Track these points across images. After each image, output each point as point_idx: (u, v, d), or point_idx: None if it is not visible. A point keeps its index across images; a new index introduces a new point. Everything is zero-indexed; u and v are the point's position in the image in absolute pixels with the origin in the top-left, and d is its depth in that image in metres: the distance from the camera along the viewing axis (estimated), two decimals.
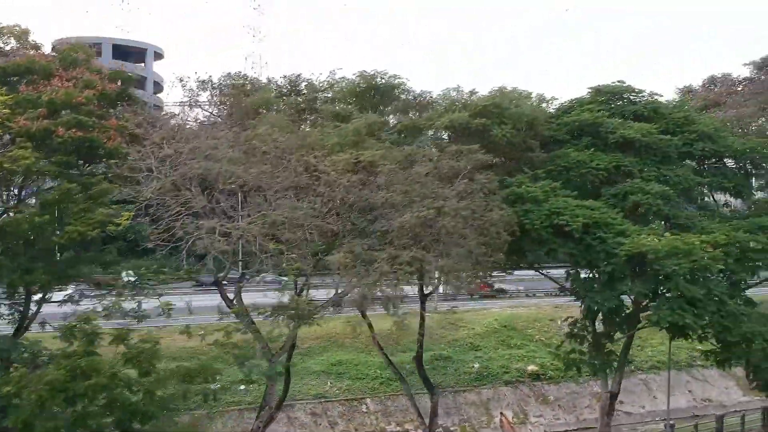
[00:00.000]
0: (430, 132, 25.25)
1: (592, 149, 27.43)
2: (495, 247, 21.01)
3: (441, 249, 19.67)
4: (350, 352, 44.52)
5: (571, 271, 25.65)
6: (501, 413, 42.96)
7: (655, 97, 32.02)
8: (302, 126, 24.92)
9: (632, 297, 24.62)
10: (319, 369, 42.81)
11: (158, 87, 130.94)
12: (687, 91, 44.21)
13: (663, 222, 26.22)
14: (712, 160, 29.65)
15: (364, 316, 26.85)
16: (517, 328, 50.20)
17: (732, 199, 31.84)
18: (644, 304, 24.65)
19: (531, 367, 45.41)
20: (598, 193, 26.75)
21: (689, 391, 48.50)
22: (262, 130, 22.23)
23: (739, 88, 40.51)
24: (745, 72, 42.27)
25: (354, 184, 19.83)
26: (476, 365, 45.58)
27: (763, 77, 40.03)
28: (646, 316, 23.99)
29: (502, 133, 25.21)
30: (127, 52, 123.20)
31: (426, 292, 28.60)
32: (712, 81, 43.13)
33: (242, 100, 26.14)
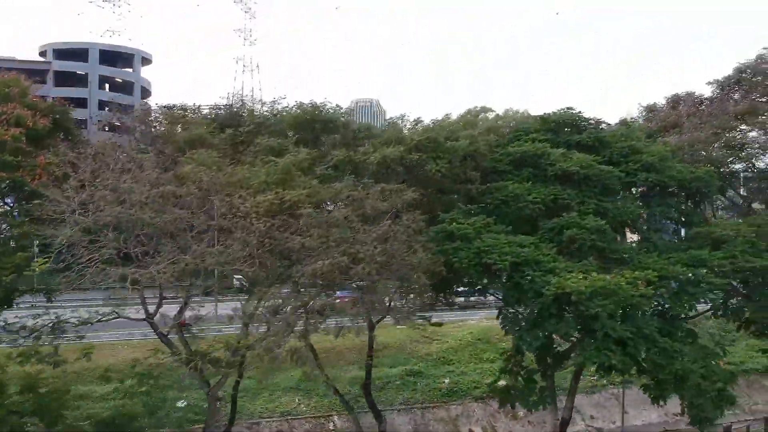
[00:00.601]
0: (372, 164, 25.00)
1: (530, 182, 27.32)
2: (416, 291, 20.86)
3: (359, 294, 19.50)
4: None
5: (502, 309, 25.53)
6: (470, 430, 42.91)
7: (602, 125, 32.01)
8: (241, 161, 24.70)
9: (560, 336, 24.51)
10: (288, 385, 42.77)
11: (146, 92, 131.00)
12: (650, 110, 43.94)
13: (599, 256, 26.04)
14: (657, 189, 29.47)
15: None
16: (491, 341, 49.91)
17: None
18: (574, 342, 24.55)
19: (501, 383, 45.40)
20: (536, 227, 26.64)
21: (660, 406, 48.53)
22: (188, 169, 22.10)
23: (702, 107, 40.22)
24: (708, 91, 42.03)
25: (272, 228, 19.70)
26: (447, 380, 45.45)
27: (724, 98, 39.75)
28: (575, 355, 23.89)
29: (436, 168, 25.10)
30: (114, 57, 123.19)
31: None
32: (676, 99, 42.84)
33: (174, 134, 25.98)
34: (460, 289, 26.86)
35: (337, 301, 20.36)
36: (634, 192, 29.92)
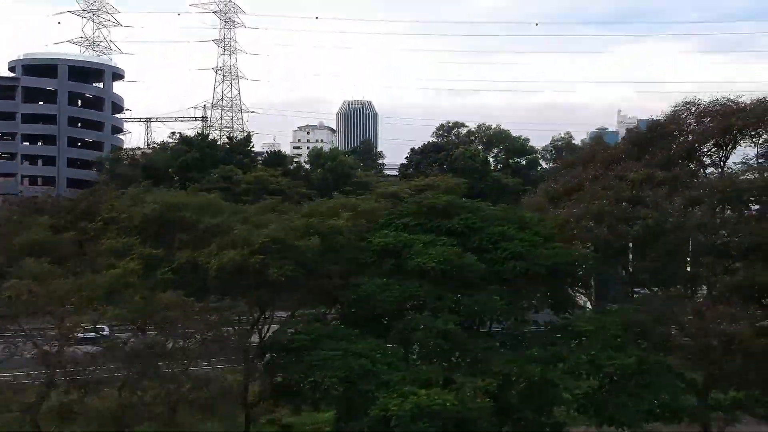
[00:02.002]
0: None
1: (391, 276, 26.90)
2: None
3: None
4: None
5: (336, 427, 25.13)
6: None
7: (484, 206, 31.57)
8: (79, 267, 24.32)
9: None
10: None
11: (117, 108, 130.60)
12: (566, 164, 43.24)
13: (448, 359, 25.63)
14: (526, 277, 28.98)
15: None
16: None
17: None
18: None
19: None
20: (390, 327, 26.24)
21: None
22: (11, 283, 21.74)
23: (613, 167, 39.47)
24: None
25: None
26: None
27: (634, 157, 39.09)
28: None
29: (280, 272, 24.66)
30: (84, 72, 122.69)
31: None
32: (591, 154, 42.25)
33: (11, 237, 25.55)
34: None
35: None
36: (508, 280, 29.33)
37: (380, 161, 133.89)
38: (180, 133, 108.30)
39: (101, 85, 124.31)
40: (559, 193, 38.99)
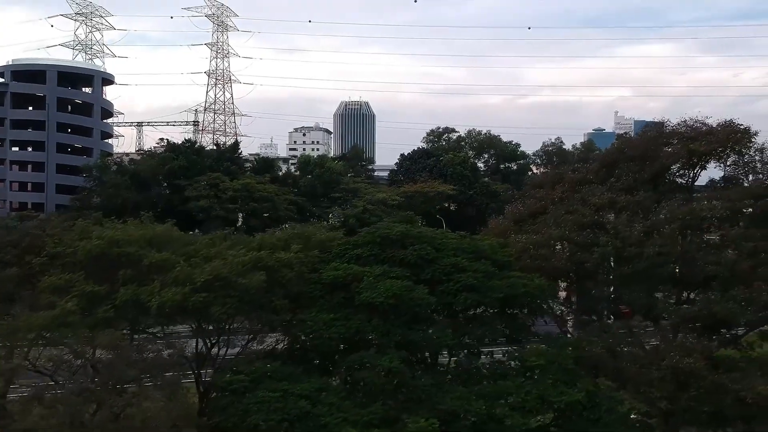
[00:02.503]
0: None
1: (340, 310, 26.69)
2: None
3: None
4: None
5: None
6: None
7: (441, 234, 31.35)
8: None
9: None
10: None
11: (107, 113, 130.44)
12: (535, 185, 42.90)
13: (394, 397, 25.39)
14: (479, 310, 28.81)
15: None
16: None
17: None
18: None
19: None
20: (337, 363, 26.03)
21: None
22: None
23: (580, 189, 39.15)
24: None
25: None
26: None
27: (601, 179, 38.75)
28: None
29: (222, 310, 24.48)
30: (74, 78, 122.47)
31: None
32: (558, 176, 41.88)
33: None
34: None
35: None
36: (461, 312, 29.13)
37: (370, 166, 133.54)
38: (167, 139, 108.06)
39: (91, 90, 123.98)
40: (523, 215, 38.73)
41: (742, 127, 36.63)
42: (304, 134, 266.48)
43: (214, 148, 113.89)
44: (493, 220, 40.60)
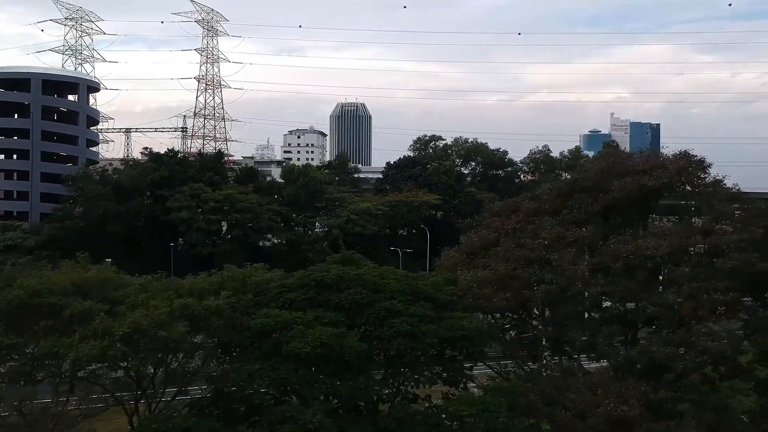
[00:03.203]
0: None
1: (268, 360, 26.35)
2: None
3: None
4: None
5: None
6: None
7: (385, 272, 31.01)
8: None
9: None
10: None
11: (93, 121, 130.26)
12: (493, 213, 42.46)
13: None
14: (413, 356, 28.46)
15: None
16: None
17: None
18: None
19: None
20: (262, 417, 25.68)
21: None
22: None
23: (534, 220, 38.75)
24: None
25: None
26: None
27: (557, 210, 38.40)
28: None
29: (141, 364, 24.18)
30: (59, 86, 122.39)
31: None
32: (515, 205, 41.47)
33: None
34: None
35: None
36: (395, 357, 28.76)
37: (360, 174, 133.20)
38: (150, 149, 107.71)
39: (76, 98, 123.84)
40: (476, 247, 38.34)
41: (696, 158, 36.33)
42: (298, 137, 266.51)
43: (198, 156, 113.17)
44: (445, 252, 40.13)
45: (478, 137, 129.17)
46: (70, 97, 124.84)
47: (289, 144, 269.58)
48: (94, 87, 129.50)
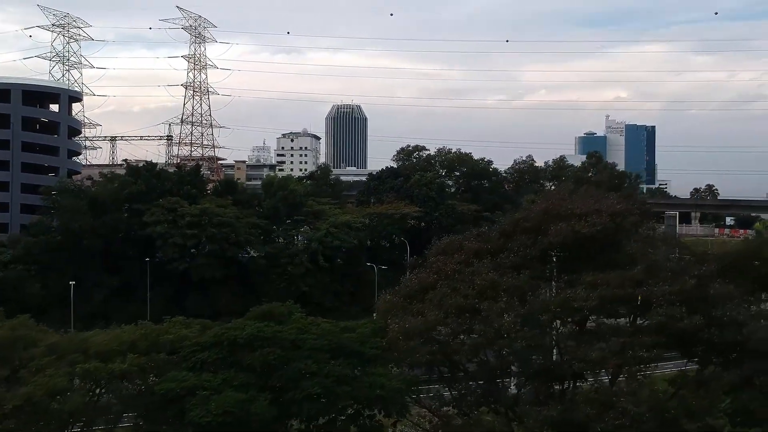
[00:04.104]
0: None
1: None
2: None
3: None
4: None
5: None
6: None
7: (307, 326, 30.48)
8: None
9: None
10: None
11: (75, 131, 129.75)
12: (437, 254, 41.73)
13: None
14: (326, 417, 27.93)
15: None
16: None
17: None
18: None
19: None
20: None
21: None
22: None
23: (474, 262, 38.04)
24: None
25: None
26: None
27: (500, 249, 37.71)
28: None
29: None
30: (39, 96, 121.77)
31: None
32: (454, 246, 40.75)
33: None
34: None
35: None
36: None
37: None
38: (128, 161, 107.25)
39: (56, 109, 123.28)
40: (414, 290, 37.69)
41: (637, 202, 35.73)
42: (292, 140, 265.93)
43: (177, 168, 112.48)
44: (382, 295, 39.44)
45: (476, 138, 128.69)
46: (52, 107, 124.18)
47: (283, 147, 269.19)
48: (75, 97, 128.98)
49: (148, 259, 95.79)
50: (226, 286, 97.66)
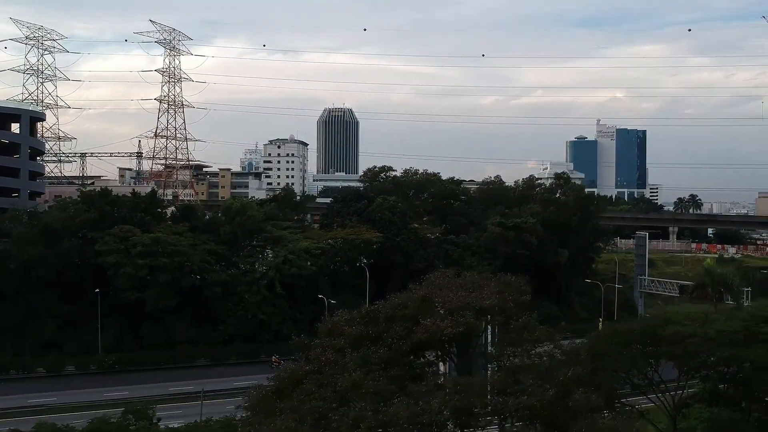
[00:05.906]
0: None
1: None
2: None
3: None
4: None
5: None
6: None
7: None
8: None
9: None
10: None
11: (37, 152, 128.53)
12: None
13: None
14: None
15: None
16: None
17: None
18: None
19: None
20: None
21: None
22: None
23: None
24: None
25: None
26: None
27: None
28: None
29: None
30: (0, 116, 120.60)
31: None
32: (339, 325, 39.21)
33: None
34: None
35: None
36: None
37: (302, 209, 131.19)
38: (82, 188, 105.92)
39: (17, 130, 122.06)
40: (285, 383, 36.22)
41: (512, 295, 34.25)
42: (278, 146, 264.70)
43: (132, 195, 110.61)
44: (257, 388, 37.69)
45: (472, 140, 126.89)
46: (14, 127, 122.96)
47: (270, 154, 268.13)
48: (37, 117, 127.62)
49: (98, 290, 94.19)
50: (181, 314, 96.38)
